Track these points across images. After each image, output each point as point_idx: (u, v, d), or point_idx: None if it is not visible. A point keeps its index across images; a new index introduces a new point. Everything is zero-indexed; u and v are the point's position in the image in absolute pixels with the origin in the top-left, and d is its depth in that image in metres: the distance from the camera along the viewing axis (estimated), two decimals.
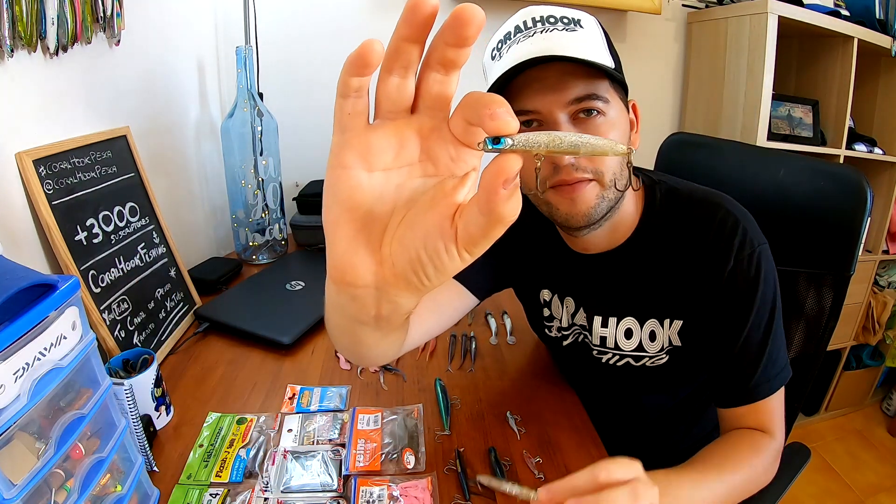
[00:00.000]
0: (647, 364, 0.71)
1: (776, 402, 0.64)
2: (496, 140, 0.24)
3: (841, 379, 2.03)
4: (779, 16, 1.46)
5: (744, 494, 0.61)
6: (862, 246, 0.79)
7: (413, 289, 0.29)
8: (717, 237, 0.63)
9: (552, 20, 0.58)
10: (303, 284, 1.08)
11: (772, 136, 1.57)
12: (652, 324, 0.69)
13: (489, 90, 0.57)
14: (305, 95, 1.51)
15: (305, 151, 1.53)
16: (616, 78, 0.58)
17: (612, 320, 0.71)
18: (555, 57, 0.54)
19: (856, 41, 1.59)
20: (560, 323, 0.77)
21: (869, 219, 0.78)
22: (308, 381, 0.81)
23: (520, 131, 0.50)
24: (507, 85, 0.57)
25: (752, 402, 0.63)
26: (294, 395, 0.77)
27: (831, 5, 1.71)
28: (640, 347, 0.70)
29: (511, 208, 0.23)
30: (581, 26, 0.58)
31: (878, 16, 1.69)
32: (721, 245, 0.62)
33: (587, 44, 0.57)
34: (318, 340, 0.93)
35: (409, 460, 0.65)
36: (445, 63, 0.25)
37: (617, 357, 0.72)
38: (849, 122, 1.68)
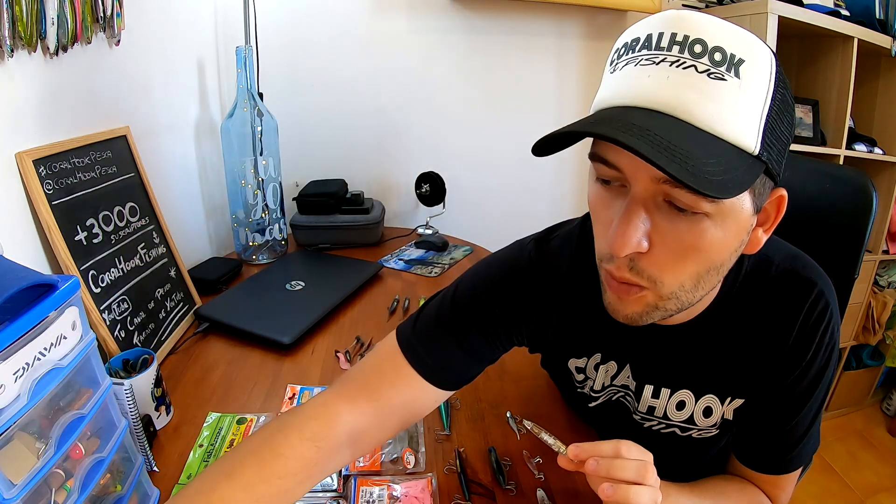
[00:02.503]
0: (694, 435, 0.63)
1: (793, 476, 0.62)
2: None
3: (841, 379, 2.03)
4: (779, 16, 1.46)
5: None
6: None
7: None
8: (805, 324, 0.54)
9: (698, 49, 0.39)
10: (303, 284, 1.08)
11: None
12: (709, 399, 0.60)
13: (581, 122, 0.42)
14: (305, 95, 1.51)
15: (305, 151, 1.53)
16: (741, 174, 0.39)
17: (665, 391, 0.62)
18: (630, 146, 0.36)
19: (856, 41, 1.59)
20: (593, 384, 0.66)
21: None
22: (308, 381, 0.81)
23: (604, 184, 0.46)
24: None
25: (774, 475, 0.61)
26: (294, 395, 0.77)
27: (831, 5, 1.71)
28: (690, 420, 0.62)
29: None
30: (737, 75, 0.38)
31: (878, 16, 1.69)
32: (807, 334, 0.55)
33: (729, 107, 0.38)
34: (318, 340, 0.93)
35: (409, 460, 0.65)
36: None
37: (663, 426, 0.64)
38: (849, 122, 1.68)
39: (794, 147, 1.57)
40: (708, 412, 0.60)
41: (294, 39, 1.46)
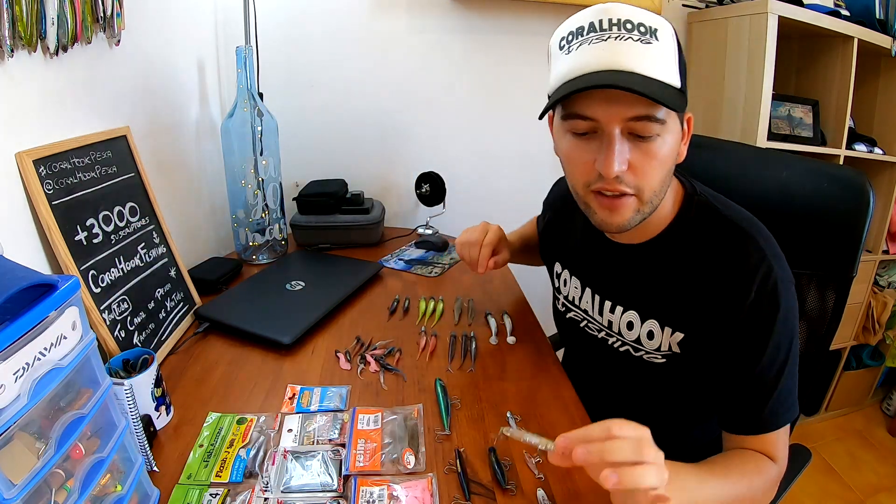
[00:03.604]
0: (644, 357, 0.73)
1: (782, 435, 0.65)
2: None
3: (841, 379, 2.03)
4: (779, 16, 1.46)
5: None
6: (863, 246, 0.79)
7: None
8: (741, 268, 0.62)
9: (629, 26, 0.55)
10: (303, 284, 1.08)
11: (772, 136, 1.57)
12: (651, 324, 0.71)
13: (554, 91, 0.60)
14: (305, 95, 1.51)
15: (305, 151, 1.53)
16: (679, 101, 0.58)
17: (619, 308, 0.74)
18: (627, 78, 0.54)
19: (856, 41, 1.59)
20: (567, 297, 0.85)
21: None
22: (308, 381, 0.81)
23: (577, 136, 0.62)
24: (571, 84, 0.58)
25: (760, 434, 0.64)
26: (294, 395, 0.77)
27: (831, 5, 1.71)
28: (638, 340, 0.73)
29: None
30: (657, 38, 0.56)
31: (878, 16, 1.69)
32: (743, 277, 0.62)
33: (659, 61, 0.56)
34: (318, 340, 0.93)
35: (409, 460, 0.65)
36: None
37: (620, 342, 0.76)
38: (849, 122, 1.68)
39: (793, 147, 1.59)
40: (651, 335, 0.71)
41: (294, 39, 1.46)
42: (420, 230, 1.43)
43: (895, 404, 2.10)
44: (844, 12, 1.64)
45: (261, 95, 1.23)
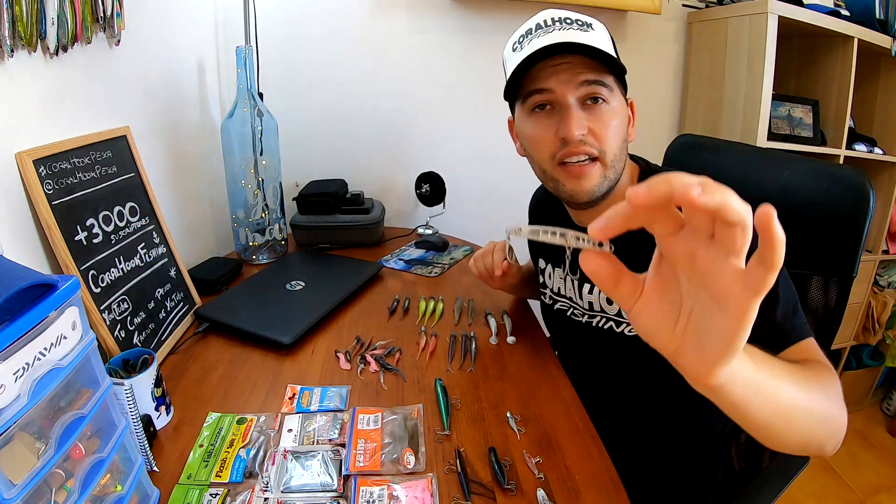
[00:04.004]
0: (626, 332, 0.76)
1: (815, 345, 0.61)
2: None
3: (841, 379, 2.03)
4: (779, 16, 1.46)
5: (813, 403, 0.50)
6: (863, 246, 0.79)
7: None
8: None
9: (569, 21, 0.67)
10: (303, 284, 1.08)
11: (772, 136, 1.57)
12: None
13: (511, 74, 0.69)
14: (306, 95, 1.51)
15: (305, 151, 1.53)
16: (619, 74, 0.68)
17: (597, 288, 0.77)
18: (572, 44, 0.64)
19: (856, 41, 1.59)
20: (552, 290, 0.90)
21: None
22: (308, 381, 0.81)
23: (534, 111, 0.71)
24: (527, 71, 0.67)
25: (789, 345, 0.60)
26: (294, 395, 0.77)
27: (831, 5, 1.71)
28: (619, 314, 0.77)
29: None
30: (593, 29, 0.68)
31: (878, 16, 1.69)
32: None
33: (598, 43, 0.66)
34: (318, 340, 0.93)
35: (409, 460, 0.65)
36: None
37: (603, 319, 0.80)
38: (849, 122, 1.68)
39: (793, 147, 1.59)
40: None
41: (294, 39, 1.47)
42: (420, 230, 1.43)
43: (895, 404, 2.10)
44: (844, 12, 1.65)
45: (261, 95, 1.23)
